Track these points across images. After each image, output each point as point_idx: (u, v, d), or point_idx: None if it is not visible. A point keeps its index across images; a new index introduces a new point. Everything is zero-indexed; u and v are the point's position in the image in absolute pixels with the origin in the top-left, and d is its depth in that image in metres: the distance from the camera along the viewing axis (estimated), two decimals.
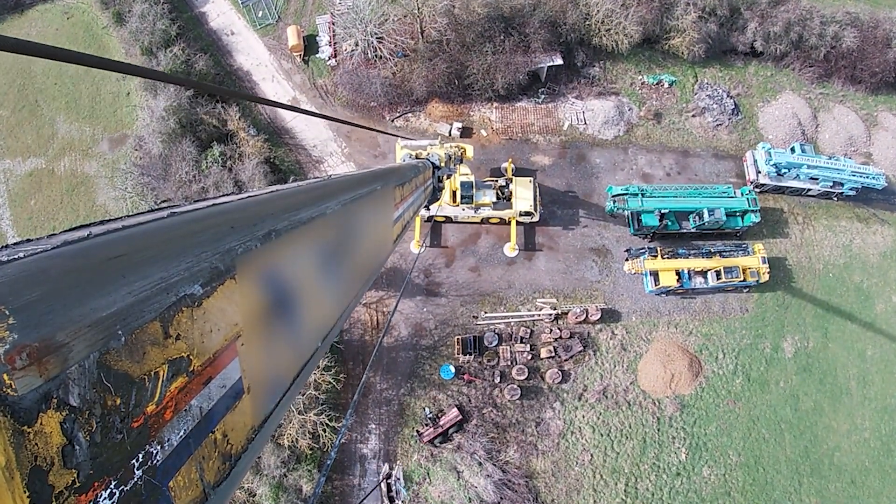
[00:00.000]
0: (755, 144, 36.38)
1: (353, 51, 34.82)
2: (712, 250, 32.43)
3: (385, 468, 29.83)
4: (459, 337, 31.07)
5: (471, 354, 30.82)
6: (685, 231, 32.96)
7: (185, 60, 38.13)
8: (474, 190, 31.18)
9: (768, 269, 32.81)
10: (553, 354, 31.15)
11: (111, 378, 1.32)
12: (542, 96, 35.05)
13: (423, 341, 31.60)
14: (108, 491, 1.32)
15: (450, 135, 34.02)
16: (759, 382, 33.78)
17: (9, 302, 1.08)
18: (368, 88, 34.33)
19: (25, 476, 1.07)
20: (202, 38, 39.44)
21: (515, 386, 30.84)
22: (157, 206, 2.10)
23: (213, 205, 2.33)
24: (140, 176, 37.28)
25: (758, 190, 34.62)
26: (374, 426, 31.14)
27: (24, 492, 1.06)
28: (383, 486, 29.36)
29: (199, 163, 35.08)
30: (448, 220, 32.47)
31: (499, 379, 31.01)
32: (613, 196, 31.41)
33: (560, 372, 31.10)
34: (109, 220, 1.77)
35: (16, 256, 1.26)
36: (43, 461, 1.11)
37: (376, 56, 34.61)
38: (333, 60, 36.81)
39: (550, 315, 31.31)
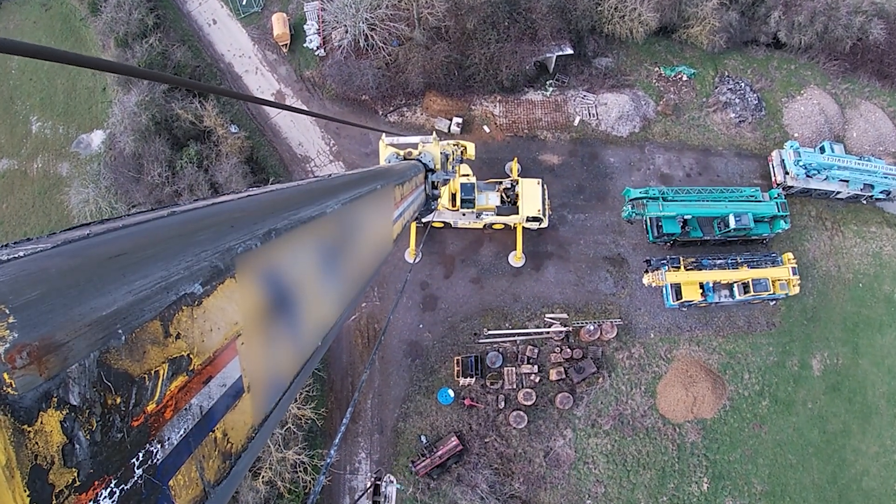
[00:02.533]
0: (781, 143, 31.16)
1: (342, 39, 29.28)
2: (739, 260, 27.09)
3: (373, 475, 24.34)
4: (459, 357, 25.80)
5: (472, 376, 25.57)
6: (708, 238, 27.63)
7: (162, 52, 32.70)
8: (476, 192, 25.83)
9: (799, 281, 27.50)
10: (564, 377, 25.92)
11: (111, 377, 1.24)
12: (551, 89, 29.64)
13: (419, 361, 26.28)
14: (109, 490, 1.23)
15: (449, 131, 28.60)
16: (785, 403, 28.66)
17: (9, 301, 1.02)
18: (359, 80, 28.89)
19: (26, 475, 1.01)
20: (182, 29, 33.98)
21: (521, 412, 25.59)
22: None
23: (213, 204, 2.22)
24: (113, 178, 31.74)
25: (785, 192, 29.25)
26: (363, 455, 25.90)
27: (25, 490, 1.00)
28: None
29: (173, 163, 29.60)
30: (447, 225, 27.06)
31: (503, 404, 25.77)
32: (631, 200, 26.08)
33: (571, 396, 25.86)
34: (109, 220, 1.70)
35: (16, 255, 1.21)
36: (43, 460, 1.05)
37: (368, 45, 29.09)
38: (322, 50, 31.38)
39: (561, 332, 26.03)
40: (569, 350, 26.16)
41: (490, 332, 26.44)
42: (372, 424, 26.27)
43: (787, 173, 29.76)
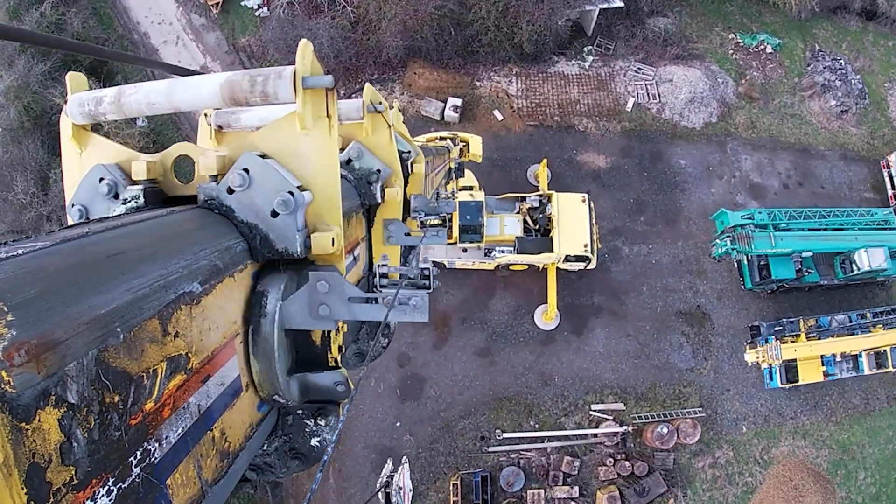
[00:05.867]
0: (891, 142, 18.64)
1: None
2: (869, 317, 14.75)
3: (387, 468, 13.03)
4: (457, 479, 13.30)
5: None
6: (824, 283, 15.24)
7: (56, 22, 19.54)
8: (484, 216, 13.12)
9: None
10: (618, 503, 13.44)
11: (109, 375, 1.10)
12: (591, 57, 17.00)
13: None
14: (106, 488, 1.09)
15: (442, 118, 15.72)
16: None
17: (7, 299, 0.91)
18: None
19: (23, 473, 0.89)
20: None
21: None
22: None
23: None
24: None
25: None
26: None
27: (22, 489, 0.89)
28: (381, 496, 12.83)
29: (47, 174, 16.69)
30: (440, 266, 14.28)
31: None
32: (730, 228, 13.41)
33: None
34: (108, 218, 1.52)
35: (15, 253, 1.07)
36: (41, 458, 0.93)
37: None
38: (265, 9, 18.39)
39: (615, 435, 13.63)
40: (626, 462, 13.76)
41: (506, 436, 13.90)
42: None
43: None
